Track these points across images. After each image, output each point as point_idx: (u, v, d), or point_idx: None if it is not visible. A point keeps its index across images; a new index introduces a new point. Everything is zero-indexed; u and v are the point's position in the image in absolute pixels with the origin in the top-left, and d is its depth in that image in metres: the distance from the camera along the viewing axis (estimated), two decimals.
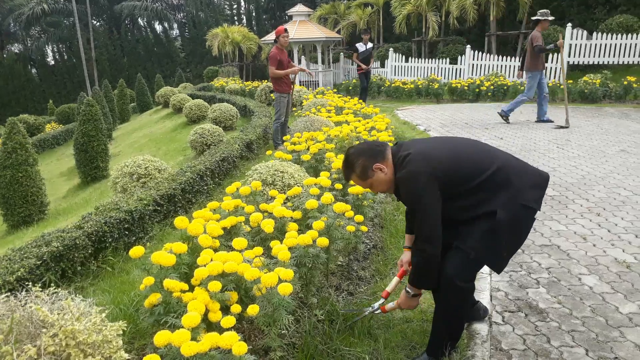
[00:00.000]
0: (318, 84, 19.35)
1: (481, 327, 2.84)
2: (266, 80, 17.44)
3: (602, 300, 3.12)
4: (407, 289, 2.44)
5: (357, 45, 13.21)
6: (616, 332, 2.77)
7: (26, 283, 2.99)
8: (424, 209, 2.21)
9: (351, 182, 2.53)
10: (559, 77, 14.62)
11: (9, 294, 2.03)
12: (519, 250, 3.92)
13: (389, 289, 2.78)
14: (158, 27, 43.65)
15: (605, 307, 3.05)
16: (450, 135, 4.90)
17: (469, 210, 2.27)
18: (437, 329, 2.48)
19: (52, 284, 3.22)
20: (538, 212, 2.27)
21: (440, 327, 2.47)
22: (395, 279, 2.79)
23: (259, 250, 2.59)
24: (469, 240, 2.25)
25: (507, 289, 3.34)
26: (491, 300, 3.19)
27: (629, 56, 14.12)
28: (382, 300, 2.76)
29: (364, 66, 13.00)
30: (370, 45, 13.11)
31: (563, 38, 14.93)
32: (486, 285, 3.35)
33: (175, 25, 45.20)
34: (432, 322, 2.53)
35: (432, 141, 2.51)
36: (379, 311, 2.74)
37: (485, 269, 3.52)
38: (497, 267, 2.32)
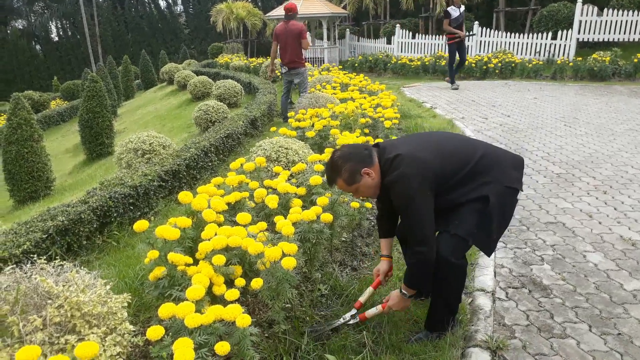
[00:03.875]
0: (323, 60, 19.15)
1: (485, 303, 2.84)
2: (270, 57, 17.26)
3: (606, 277, 3.12)
4: (403, 290, 2.38)
5: (448, 9, 10.87)
6: (620, 309, 2.77)
7: (32, 256, 3.01)
8: (417, 211, 2.19)
9: (335, 187, 2.42)
10: (568, 54, 14.41)
11: (14, 266, 2.04)
12: (524, 227, 3.92)
13: (362, 299, 2.63)
14: (162, 3, 43.27)
15: (609, 284, 3.04)
16: (430, 131, 4.88)
17: (458, 199, 2.29)
18: (437, 306, 2.49)
19: (57, 258, 3.25)
20: (521, 192, 2.36)
21: (440, 305, 2.48)
22: (370, 290, 2.65)
23: (263, 225, 2.60)
24: (462, 226, 2.26)
25: (511, 265, 3.34)
26: (495, 276, 3.19)
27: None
28: (354, 311, 2.59)
29: (462, 33, 10.77)
30: (463, 8, 10.94)
31: (573, 14, 14.67)
32: (490, 261, 3.34)
33: (179, 1, 44.78)
34: (431, 300, 2.52)
35: (414, 141, 2.46)
36: (355, 320, 2.56)
37: None
38: (489, 250, 2.35)
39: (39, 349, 1.52)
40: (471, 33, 15.49)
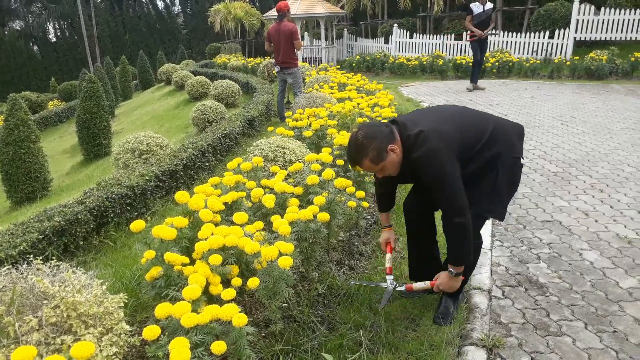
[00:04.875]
0: (321, 60, 19.16)
1: (481, 301, 2.85)
2: (269, 57, 17.27)
3: (602, 275, 3.13)
4: (451, 269, 2.43)
5: (471, 5, 10.27)
6: (616, 307, 2.78)
7: (28, 257, 3.01)
8: (452, 183, 2.24)
9: (357, 168, 2.46)
10: (565, 53, 14.43)
11: (10, 266, 2.04)
12: (520, 226, 3.93)
13: (389, 265, 2.77)
14: (160, 3, 43.26)
15: (605, 281, 3.05)
16: (441, 104, 4.95)
17: (475, 171, 2.37)
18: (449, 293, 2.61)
19: (54, 258, 3.24)
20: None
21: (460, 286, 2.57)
22: (389, 255, 2.80)
23: (259, 224, 2.59)
24: (481, 204, 2.37)
25: (507, 263, 3.35)
26: (491, 274, 3.20)
27: (637, 32, 13.89)
28: (391, 277, 2.73)
29: (478, 31, 10.14)
30: (489, 5, 10.23)
31: (570, 13, 14.69)
32: (487, 260, 3.35)
33: (177, 1, 44.74)
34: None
35: (432, 115, 2.49)
36: (402, 287, 2.68)
37: (485, 244, 3.53)
38: (502, 217, 2.47)
39: (35, 349, 1.53)
40: (493, 32, 15.02)
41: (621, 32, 14.05)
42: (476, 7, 10.18)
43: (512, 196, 2.50)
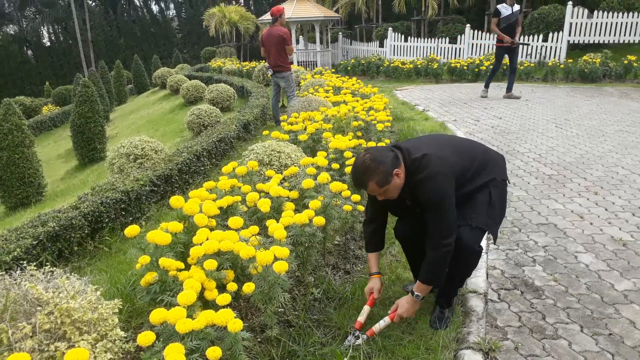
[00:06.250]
0: (316, 64, 19.18)
1: (477, 305, 2.85)
2: (263, 61, 17.27)
3: (597, 278, 3.13)
4: (417, 292, 2.49)
5: (498, 7, 9.30)
6: (611, 309, 2.78)
7: (22, 262, 2.99)
8: (447, 207, 2.34)
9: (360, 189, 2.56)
10: (559, 56, 14.51)
11: (3, 273, 2.03)
12: (516, 229, 3.94)
13: (361, 319, 2.56)
14: (154, 7, 43.20)
15: (600, 284, 3.06)
16: (437, 133, 5.12)
17: (469, 193, 2.49)
18: (452, 286, 2.66)
19: (48, 264, 3.22)
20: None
21: (456, 283, 2.68)
22: (367, 308, 2.61)
23: (254, 229, 2.59)
24: (479, 219, 2.46)
25: (503, 267, 3.35)
26: (487, 278, 3.20)
27: (629, 35, 13.99)
28: (356, 332, 2.52)
29: (507, 38, 9.22)
30: (517, 7, 9.27)
31: (563, 16, 14.77)
32: (482, 263, 3.35)
33: (171, 5, 44.74)
34: (446, 282, 2.59)
35: (432, 142, 2.59)
36: (362, 339, 2.48)
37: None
38: (496, 237, 2.58)
39: (29, 356, 1.51)
40: (524, 42, 14.05)
41: (614, 35, 14.14)
42: (504, 9, 9.23)
43: (502, 219, 2.62)
